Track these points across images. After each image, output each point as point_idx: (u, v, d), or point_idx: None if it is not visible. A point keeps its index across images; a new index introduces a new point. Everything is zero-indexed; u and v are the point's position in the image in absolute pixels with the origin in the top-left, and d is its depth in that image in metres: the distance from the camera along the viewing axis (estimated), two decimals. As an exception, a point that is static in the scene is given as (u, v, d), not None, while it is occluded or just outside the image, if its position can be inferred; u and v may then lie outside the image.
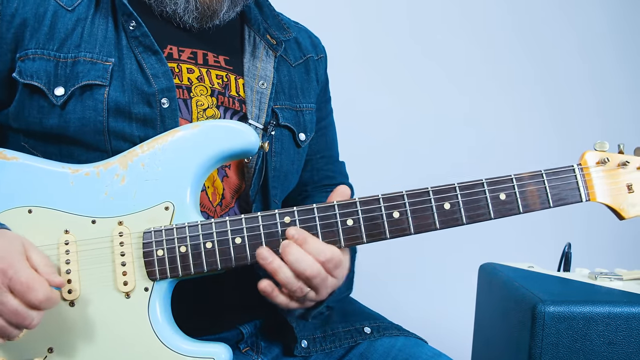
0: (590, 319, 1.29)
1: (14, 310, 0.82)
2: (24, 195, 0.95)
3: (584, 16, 2.86)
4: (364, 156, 1.57)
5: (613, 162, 0.99)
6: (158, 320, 0.94)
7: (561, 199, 0.98)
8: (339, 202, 0.95)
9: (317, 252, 0.91)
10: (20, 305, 0.83)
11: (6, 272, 0.81)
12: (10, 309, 0.82)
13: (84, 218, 0.95)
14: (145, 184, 0.96)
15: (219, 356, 0.94)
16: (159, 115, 1.02)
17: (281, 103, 1.17)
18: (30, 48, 1.01)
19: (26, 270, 0.83)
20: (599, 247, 2.68)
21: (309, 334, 1.12)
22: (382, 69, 2.67)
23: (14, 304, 0.82)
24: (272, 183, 1.14)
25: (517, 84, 2.80)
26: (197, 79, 1.09)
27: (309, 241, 0.92)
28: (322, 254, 0.91)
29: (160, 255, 0.94)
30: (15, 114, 1.02)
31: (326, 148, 1.33)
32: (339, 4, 2.62)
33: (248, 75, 1.15)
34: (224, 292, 1.07)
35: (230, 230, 0.95)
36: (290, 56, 1.24)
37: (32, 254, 0.86)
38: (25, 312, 0.83)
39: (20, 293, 0.82)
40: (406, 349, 1.11)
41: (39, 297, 0.82)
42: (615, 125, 2.82)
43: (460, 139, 2.71)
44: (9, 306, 0.82)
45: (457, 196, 0.96)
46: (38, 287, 0.83)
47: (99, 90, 1.00)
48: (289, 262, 0.90)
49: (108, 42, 1.04)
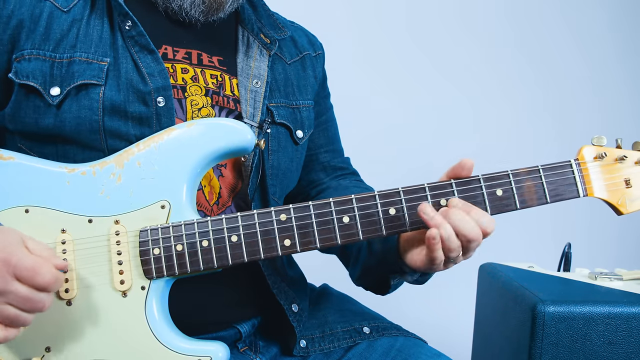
0: (590, 319, 1.29)
1: (25, 296, 0.82)
2: (21, 195, 0.95)
3: (582, 13, 2.86)
4: (360, 153, 1.57)
5: (611, 156, 0.98)
6: (155, 318, 0.94)
7: (558, 194, 0.97)
8: (334, 199, 0.95)
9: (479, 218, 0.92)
10: (30, 290, 0.83)
11: (9, 261, 0.81)
12: (21, 296, 0.82)
13: (81, 217, 0.95)
14: (142, 182, 0.96)
15: (216, 355, 0.94)
16: (155, 114, 1.02)
17: (276, 101, 1.17)
18: (26, 49, 1.01)
19: (29, 255, 0.83)
20: (599, 247, 2.67)
21: (307, 333, 1.12)
22: (380, 67, 2.68)
23: (24, 290, 0.82)
24: (271, 181, 1.14)
25: (515, 81, 2.81)
26: (191, 78, 1.09)
27: (473, 209, 0.93)
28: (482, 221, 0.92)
29: (157, 253, 0.94)
30: (11, 115, 1.03)
31: (329, 142, 1.33)
32: (338, 4, 2.63)
33: (242, 75, 1.15)
34: (221, 290, 1.07)
35: (226, 228, 0.95)
36: (285, 54, 1.24)
37: (30, 243, 0.86)
38: (36, 295, 0.83)
39: (28, 278, 0.82)
40: (405, 349, 1.11)
41: (46, 279, 0.83)
42: (614, 120, 2.83)
43: (458, 135, 2.72)
44: (19, 293, 0.82)
45: (453, 192, 0.96)
46: (44, 269, 0.83)
47: (94, 89, 1.01)
48: (454, 222, 0.91)
49: (103, 42, 1.04)
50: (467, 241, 0.92)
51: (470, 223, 0.92)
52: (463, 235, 0.91)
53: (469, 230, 0.91)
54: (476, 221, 0.92)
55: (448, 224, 0.91)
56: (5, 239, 0.84)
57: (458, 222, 0.91)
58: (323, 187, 1.30)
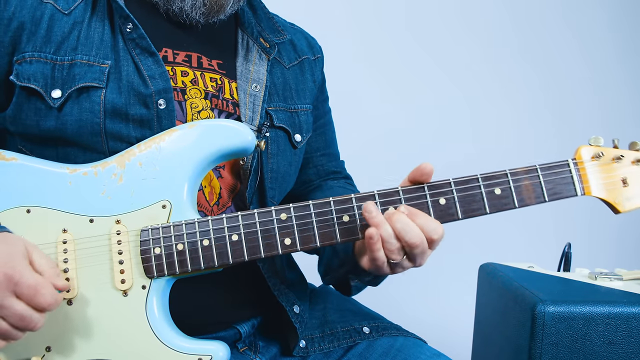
0: (590, 319, 1.29)
1: (20, 314, 0.83)
2: (23, 195, 0.96)
3: (583, 13, 2.87)
4: (360, 152, 1.58)
5: (608, 156, 0.99)
6: (156, 318, 0.94)
7: (556, 193, 0.98)
8: (334, 199, 0.96)
9: (424, 224, 0.92)
10: (27, 309, 0.83)
11: (12, 277, 0.82)
12: (16, 313, 0.83)
13: (82, 217, 0.96)
14: (143, 182, 0.97)
15: (216, 354, 0.94)
16: (156, 116, 1.03)
17: (275, 105, 1.18)
18: (27, 51, 1.02)
19: (32, 274, 0.84)
20: (599, 247, 2.67)
21: (307, 333, 1.12)
22: (380, 68, 2.69)
23: (20, 308, 0.83)
24: (269, 184, 1.14)
25: (515, 81, 2.81)
26: (191, 81, 1.10)
27: (420, 215, 0.93)
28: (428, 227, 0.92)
29: (158, 253, 0.94)
30: (12, 117, 1.03)
31: (326, 146, 1.33)
32: (338, 5, 2.64)
33: (241, 79, 1.16)
34: (221, 291, 1.08)
35: (227, 227, 0.95)
36: (284, 58, 1.25)
37: (35, 257, 0.87)
38: (31, 315, 0.83)
39: (28, 297, 0.83)
40: (405, 349, 1.11)
41: (47, 301, 0.83)
42: (613, 120, 2.83)
43: (457, 134, 2.72)
44: (15, 310, 0.82)
45: (452, 191, 0.96)
46: (45, 291, 0.83)
47: (95, 92, 1.01)
48: (394, 224, 0.91)
49: (104, 45, 1.05)
50: (408, 245, 0.91)
51: (413, 228, 0.91)
52: (403, 239, 0.90)
53: (411, 235, 0.90)
54: (421, 226, 0.91)
55: (389, 225, 0.91)
56: (10, 250, 0.84)
57: (399, 224, 0.90)
58: (312, 187, 1.30)
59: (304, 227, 0.96)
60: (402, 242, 0.91)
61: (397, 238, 0.91)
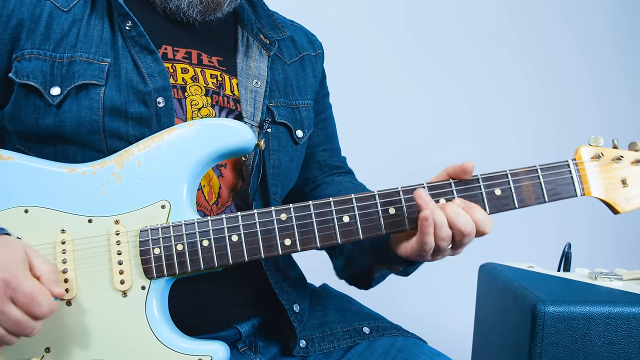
0: (590, 319, 1.29)
1: (16, 320, 0.82)
2: (21, 195, 0.95)
3: (582, 13, 2.87)
4: (360, 152, 1.58)
5: (607, 157, 0.99)
6: (155, 318, 0.94)
7: (556, 193, 0.98)
8: (334, 199, 0.96)
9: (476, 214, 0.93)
10: (23, 315, 0.83)
11: (9, 283, 0.82)
12: (12, 320, 0.82)
13: (81, 217, 0.95)
14: (142, 182, 0.96)
15: (216, 354, 0.94)
16: (155, 114, 1.02)
17: (276, 101, 1.18)
18: (26, 48, 1.02)
19: (30, 281, 0.83)
20: (599, 247, 2.68)
21: (307, 333, 1.12)
22: (380, 68, 2.68)
23: (16, 314, 0.82)
24: (272, 181, 1.14)
25: (515, 81, 2.81)
26: (191, 78, 1.09)
27: (474, 207, 0.94)
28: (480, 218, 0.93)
29: (157, 253, 0.94)
30: (11, 115, 1.03)
31: (327, 141, 1.33)
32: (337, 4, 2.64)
33: (241, 75, 1.15)
34: (220, 291, 1.07)
35: (226, 227, 0.95)
36: (285, 54, 1.25)
37: (35, 261, 0.86)
38: (27, 322, 0.83)
39: (24, 305, 0.82)
40: (405, 349, 1.11)
41: (43, 310, 0.83)
42: (613, 120, 2.83)
43: (458, 135, 2.72)
44: (11, 317, 0.82)
45: (452, 192, 0.96)
46: (42, 299, 0.83)
47: (95, 89, 1.01)
48: (448, 213, 0.91)
49: (104, 43, 1.04)
50: (460, 234, 0.92)
51: (466, 217, 0.92)
52: (456, 227, 0.91)
53: (463, 223, 0.91)
54: (472, 217, 0.92)
55: (442, 212, 0.91)
56: (9, 255, 0.84)
57: (453, 214, 0.91)
58: (317, 183, 1.30)
59: (304, 227, 0.95)
60: (454, 230, 0.92)
61: (450, 226, 0.91)
